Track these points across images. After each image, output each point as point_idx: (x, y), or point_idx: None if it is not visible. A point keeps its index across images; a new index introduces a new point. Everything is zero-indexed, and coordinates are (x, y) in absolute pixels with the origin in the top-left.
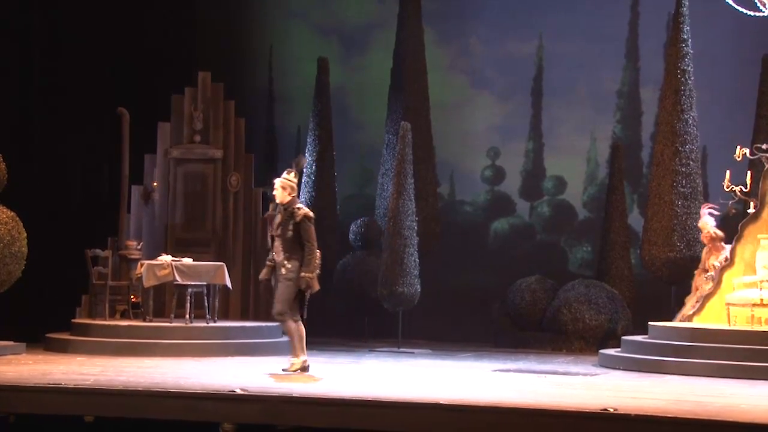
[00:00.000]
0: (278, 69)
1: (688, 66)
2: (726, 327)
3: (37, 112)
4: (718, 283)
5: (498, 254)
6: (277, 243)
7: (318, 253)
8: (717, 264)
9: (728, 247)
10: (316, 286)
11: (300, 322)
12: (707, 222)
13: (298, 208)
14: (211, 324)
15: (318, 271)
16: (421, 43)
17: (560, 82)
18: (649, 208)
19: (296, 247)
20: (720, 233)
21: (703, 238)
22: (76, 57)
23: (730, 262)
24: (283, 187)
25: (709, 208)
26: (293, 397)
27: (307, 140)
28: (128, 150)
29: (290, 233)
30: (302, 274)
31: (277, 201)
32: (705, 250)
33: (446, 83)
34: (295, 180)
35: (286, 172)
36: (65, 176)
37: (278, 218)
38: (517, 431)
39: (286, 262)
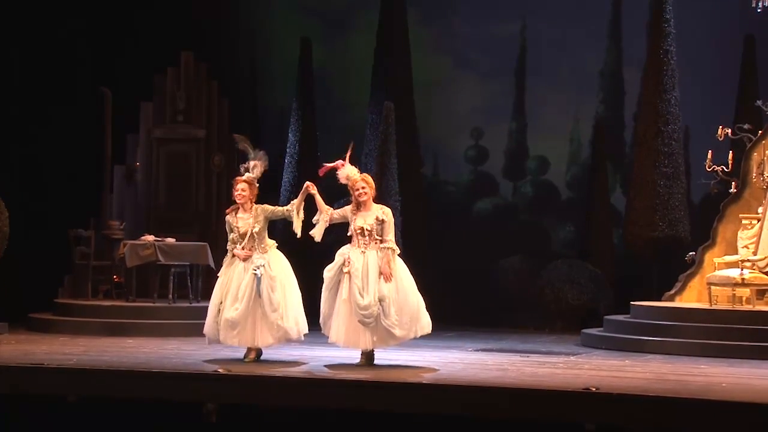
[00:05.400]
0: (261, 49)
1: (670, 46)
2: (707, 306)
3: (19, 92)
4: (699, 262)
5: (481, 234)
6: None
7: None
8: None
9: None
10: None
11: None
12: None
13: None
14: (194, 304)
15: None
16: (404, 23)
17: (543, 63)
18: (632, 188)
19: None
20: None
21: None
22: (58, 36)
23: (711, 241)
24: None
25: None
26: (276, 377)
27: (291, 120)
28: (111, 130)
29: None
30: None
31: None
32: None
33: (429, 63)
34: None
35: None
36: (47, 156)
37: None
38: (499, 411)
39: None
